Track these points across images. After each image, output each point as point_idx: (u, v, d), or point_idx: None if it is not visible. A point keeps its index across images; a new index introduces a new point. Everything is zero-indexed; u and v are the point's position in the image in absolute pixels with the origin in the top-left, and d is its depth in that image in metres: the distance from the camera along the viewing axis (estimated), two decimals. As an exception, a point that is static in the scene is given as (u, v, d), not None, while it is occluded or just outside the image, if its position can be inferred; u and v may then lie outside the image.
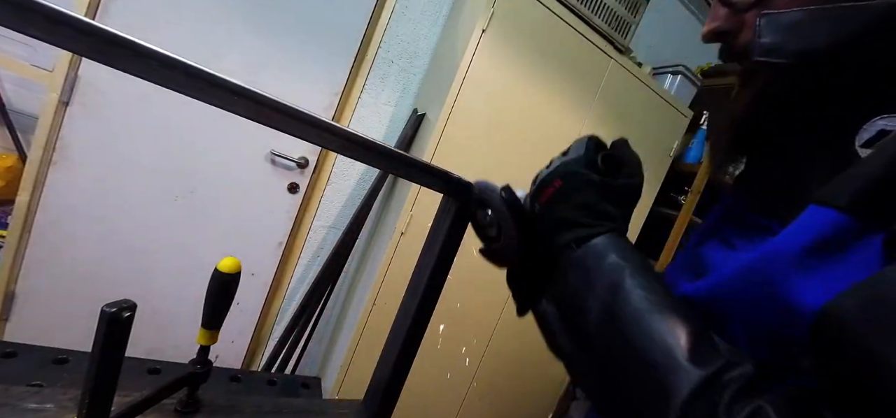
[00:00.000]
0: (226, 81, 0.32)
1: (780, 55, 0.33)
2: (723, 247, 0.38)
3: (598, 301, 0.31)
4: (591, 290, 0.31)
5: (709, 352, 0.27)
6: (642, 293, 0.30)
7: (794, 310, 0.26)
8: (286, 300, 1.69)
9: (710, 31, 0.40)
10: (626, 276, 0.31)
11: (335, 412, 0.53)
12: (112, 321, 0.31)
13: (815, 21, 0.31)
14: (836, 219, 0.26)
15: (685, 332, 0.27)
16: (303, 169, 1.58)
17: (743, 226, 0.37)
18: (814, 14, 0.31)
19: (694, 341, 0.27)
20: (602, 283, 0.31)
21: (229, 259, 0.43)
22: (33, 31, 0.26)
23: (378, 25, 1.56)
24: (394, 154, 0.43)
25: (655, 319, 0.28)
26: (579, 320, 0.32)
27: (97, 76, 1.26)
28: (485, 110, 1.35)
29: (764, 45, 0.33)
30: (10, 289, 1.30)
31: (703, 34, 0.41)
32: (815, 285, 0.25)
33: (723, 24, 0.38)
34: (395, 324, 0.56)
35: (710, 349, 0.27)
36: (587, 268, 0.33)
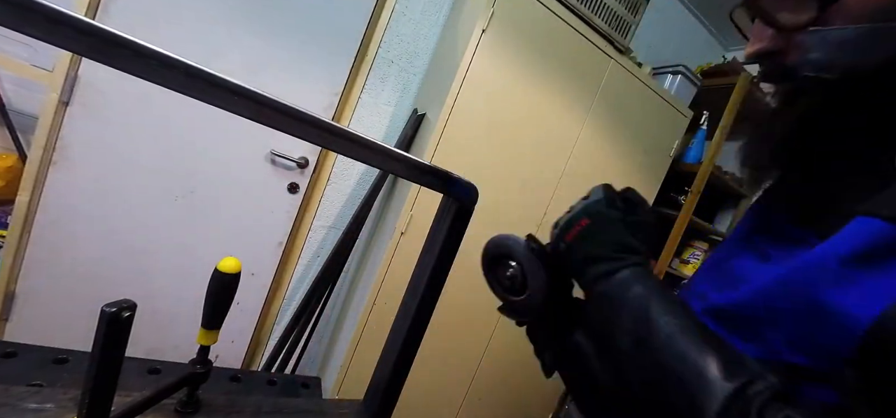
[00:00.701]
0: (226, 81, 0.32)
1: (829, 71, 0.33)
2: (756, 257, 0.39)
3: (627, 330, 0.33)
4: (619, 320, 0.33)
5: (736, 368, 0.28)
6: (668, 318, 0.31)
7: (838, 318, 0.26)
8: (286, 300, 1.69)
9: (755, 52, 0.40)
10: (652, 304, 0.33)
11: (335, 412, 0.53)
12: (112, 321, 0.31)
13: (865, 38, 0.32)
14: (883, 228, 0.26)
15: (712, 350, 0.29)
16: (303, 169, 1.58)
17: (778, 237, 0.38)
18: (863, 31, 0.32)
19: (721, 358, 0.28)
20: (629, 313, 0.33)
21: (229, 259, 0.43)
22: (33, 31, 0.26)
23: (378, 25, 1.56)
24: (394, 154, 0.43)
25: (683, 341, 0.30)
26: (613, 349, 0.34)
27: (97, 76, 1.26)
28: (485, 110, 1.35)
29: (813, 60, 0.34)
30: (10, 289, 1.30)
31: (748, 54, 0.41)
32: (862, 293, 0.25)
33: (769, 45, 0.38)
34: (395, 324, 0.56)
35: (737, 364, 0.28)
36: (614, 298, 0.35)
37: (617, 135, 1.57)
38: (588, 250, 0.38)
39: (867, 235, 0.26)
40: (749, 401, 0.26)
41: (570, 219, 0.41)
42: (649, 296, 0.33)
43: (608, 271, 0.36)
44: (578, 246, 0.39)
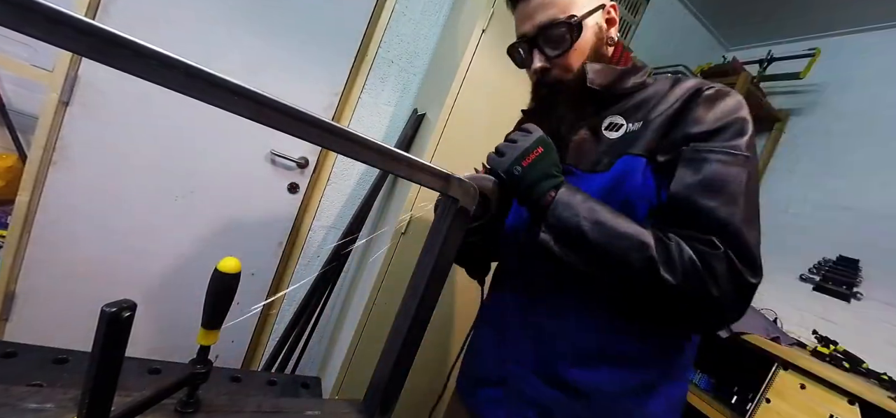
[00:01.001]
0: (226, 81, 0.32)
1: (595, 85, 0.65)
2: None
3: (585, 217, 0.54)
4: (579, 216, 0.54)
5: (642, 224, 0.55)
6: (603, 208, 0.55)
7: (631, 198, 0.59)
8: (286, 300, 1.69)
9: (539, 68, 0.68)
10: (592, 202, 0.56)
11: (335, 412, 0.53)
12: (112, 321, 0.31)
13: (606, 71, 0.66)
14: (635, 159, 0.59)
15: (630, 220, 0.55)
16: (303, 169, 1.58)
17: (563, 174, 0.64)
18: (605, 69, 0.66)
19: (636, 223, 0.55)
20: (583, 211, 0.55)
21: (229, 259, 0.43)
22: (33, 31, 0.26)
23: (378, 25, 1.56)
24: (394, 154, 0.43)
25: (619, 219, 0.54)
26: (578, 233, 0.54)
27: (97, 76, 1.26)
28: (485, 110, 1.35)
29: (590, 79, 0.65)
30: (10, 289, 1.30)
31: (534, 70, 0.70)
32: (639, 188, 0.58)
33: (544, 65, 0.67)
34: (395, 324, 0.56)
35: (643, 224, 0.55)
36: (569, 201, 0.55)
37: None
38: (543, 169, 0.57)
39: (631, 162, 0.59)
40: (657, 234, 0.53)
41: (526, 148, 0.58)
42: (586, 197, 0.56)
43: (556, 184, 0.57)
44: (535, 167, 0.57)
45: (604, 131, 0.64)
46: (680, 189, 0.54)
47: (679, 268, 0.50)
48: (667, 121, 0.59)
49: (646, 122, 0.61)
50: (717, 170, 0.52)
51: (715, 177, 0.52)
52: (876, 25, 1.91)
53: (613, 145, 0.62)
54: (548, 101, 0.69)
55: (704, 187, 0.52)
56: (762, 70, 2.11)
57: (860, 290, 1.67)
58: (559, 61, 0.65)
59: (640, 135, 0.60)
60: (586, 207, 0.54)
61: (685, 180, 0.54)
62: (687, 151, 0.55)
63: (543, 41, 0.65)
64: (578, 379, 0.60)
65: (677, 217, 0.54)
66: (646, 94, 0.64)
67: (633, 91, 0.65)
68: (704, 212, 0.52)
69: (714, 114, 0.56)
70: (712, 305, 0.51)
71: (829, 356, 1.44)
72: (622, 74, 0.65)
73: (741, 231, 0.51)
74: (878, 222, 1.71)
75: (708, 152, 0.54)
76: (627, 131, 0.62)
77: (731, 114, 0.55)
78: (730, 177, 0.52)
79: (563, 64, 0.66)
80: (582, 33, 0.64)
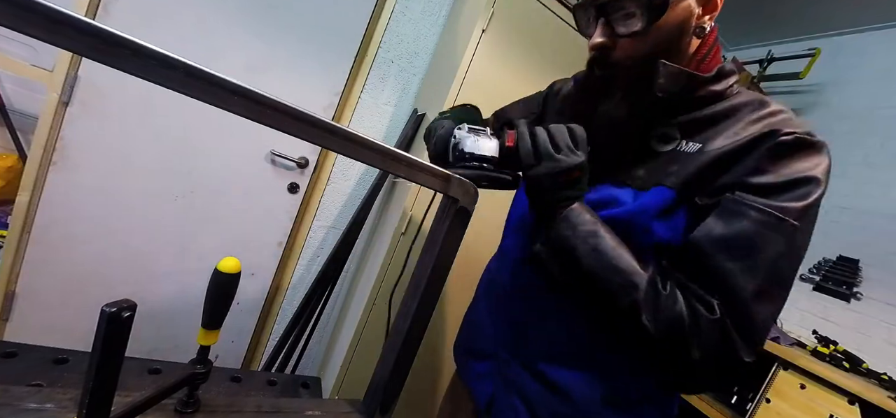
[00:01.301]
0: (226, 81, 0.32)
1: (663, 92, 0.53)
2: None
3: (584, 244, 0.50)
4: (577, 237, 0.51)
5: (643, 265, 0.50)
6: (607, 236, 0.51)
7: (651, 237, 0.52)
8: (286, 300, 1.69)
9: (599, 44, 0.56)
10: (599, 228, 0.51)
11: (335, 412, 0.53)
12: (112, 321, 0.31)
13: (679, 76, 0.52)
14: (670, 193, 0.51)
15: (632, 256, 0.50)
16: (303, 169, 1.58)
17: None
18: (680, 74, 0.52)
19: (633, 258, 0.50)
20: (587, 234, 0.51)
21: (229, 259, 0.43)
22: (33, 31, 0.26)
23: (378, 25, 1.56)
24: (394, 154, 0.43)
25: (621, 251, 0.50)
26: (571, 256, 0.51)
27: (97, 76, 1.25)
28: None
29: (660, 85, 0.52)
30: (10, 289, 1.30)
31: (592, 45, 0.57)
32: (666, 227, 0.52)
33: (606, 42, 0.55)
34: (395, 324, 0.56)
35: (644, 265, 0.50)
36: (574, 223, 0.51)
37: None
38: (569, 189, 0.53)
39: (664, 197, 0.52)
40: (653, 278, 0.49)
41: (568, 166, 0.52)
42: (595, 221, 0.52)
43: (570, 200, 0.52)
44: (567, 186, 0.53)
45: (654, 141, 0.55)
46: (701, 239, 0.47)
47: (663, 318, 0.46)
48: (727, 155, 0.48)
49: (703, 148, 0.51)
50: (751, 231, 0.45)
51: (744, 238, 0.45)
52: (875, 25, 1.91)
53: (656, 164, 0.54)
54: (599, 85, 0.60)
55: (728, 245, 0.45)
56: (762, 70, 2.11)
57: (860, 290, 1.67)
58: (626, 43, 0.53)
59: (688, 163, 0.51)
60: (590, 231, 0.50)
61: (712, 231, 0.47)
62: (729, 201, 0.47)
63: (613, 11, 0.52)
64: (557, 379, 0.59)
65: (687, 265, 0.48)
66: (719, 107, 0.53)
67: (707, 101, 0.53)
68: (718, 273, 0.45)
69: (784, 172, 0.46)
70: (687, 367, 0.46)
71: (829, 356, 1.44)
72: (693, 83, 0.52)
73: (749, 306, 0.44)
74: (878, 222, 1.71)
75: (748, 207, 0.45)
76: (678, 149, 0.53)
77: (802, 172, 0.45)
78: (762, 243, 0.44)
79: (629, 48, 0.53)
80: (665, 14, 0.50)
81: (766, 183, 0.46)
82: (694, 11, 0.52)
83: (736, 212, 0.46)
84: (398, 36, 1.61)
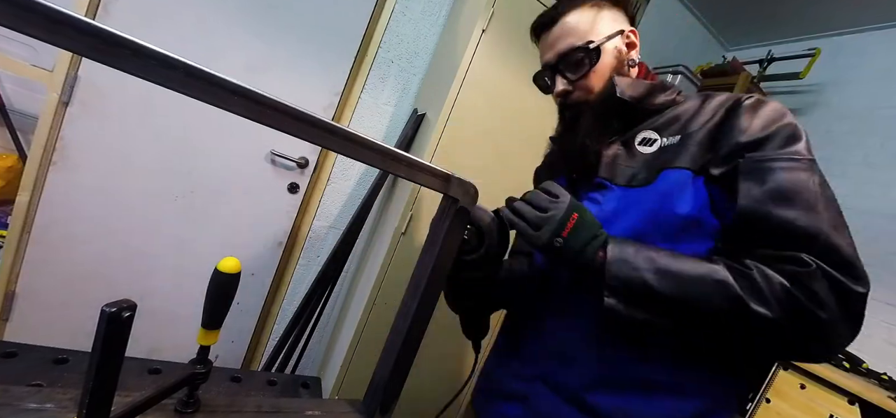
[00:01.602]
0: (226, 81, 0.32)
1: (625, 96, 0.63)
2: (591, 204, 0.64)
3: (648, 272, 0.49)
4: (639, 269, 0.50)
5: (707, 257, 0.50)
6: (659, 253, 0.51)
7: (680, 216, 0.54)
8: (286, 300, 1.69)
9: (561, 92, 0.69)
10: (648, 250, 0.51)
11: (335, 412, 0.53)
12: (112, 321, 0.31)
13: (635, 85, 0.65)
14: (684, 172, 0.55)
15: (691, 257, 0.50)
16: (303, 169, 1.58)
17: (594, 188, 0.64)
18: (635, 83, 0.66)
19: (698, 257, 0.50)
20: (640, 262, 0.50)
21: (229, 259, 0.43)
22: (33, 31, 0.26)
23: (378, 25, 1.56)
24: (394, 154, 0.43)
25: (682, 260, 0.49)
26: (645, 290, 0.49)
27: (97, 76, 1.25)
28: (485, 110, 1.35)
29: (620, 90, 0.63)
30: (10, 289, 1.30)
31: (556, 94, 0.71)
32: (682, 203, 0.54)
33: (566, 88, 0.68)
34: (395, 324, 0.56)
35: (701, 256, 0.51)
36: (624, 258, 0.51)
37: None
38: (584, 235, 0.53)
39: (677, 177, 0.56)
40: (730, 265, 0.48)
41: (561, 219, 0.53)
42: (639, 246, 0.52)
43: (602, 243, 0.53)
44: (577, 236, 0.53)
45: (637, 146, 0.63)
46: (749, 203, 0.49)
47: (771, 297, 0.45)
48: (710, 133, 0.56)
49: (685, 136, 0.58)
50: (785, 178, 0.48)
51: (784, 185, 0.47)
52: (875, 25, 1.91)
53: (649, 160, 0.60)
54: (573, 120, 0.69)
55: (776, 197, 0.47)
56: (762, 70, 2.11)
57: (860, 290, 1.67)
58: (580, 84, 0.67)
59: (681, 149, 0.57)
60: (643, 257, 0.50)
61: (752, 193, 0.49)
62: (744, 164, 0.51)
63: (564, 66, 0.67)
64: (600, 403, 0.57)
65: (751, 235, 0.49)
66: (677, 110, 0.63)
67: (664, 107, 0.64)
68: (783, 224, 0.47)
69: (760, 121, 0.52)
70: (822, 331, 0.44)
71: (829, 356, 1.44)
72: (652, 89, 0.65)
73: (831, 238, 0.45)
74: (878, 222, 1.71)
75: (768, 161, 0.49)
76: (663, 145, 0.60)
77: (776, 120, 0.52)
78: (800, 183, 0.47)
79: (584, 86, 0.67)
80: (601, 57, 0.65)
81: (756, 137, 0.51)
82: (621, 49, 0.68)
83: (759, 170, 0.49)
84: (398, 36, 1.61)
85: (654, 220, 0.56)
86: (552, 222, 0.53)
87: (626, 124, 0.66)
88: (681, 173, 0.55)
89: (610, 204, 0.61)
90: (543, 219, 0.53)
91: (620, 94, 0.63)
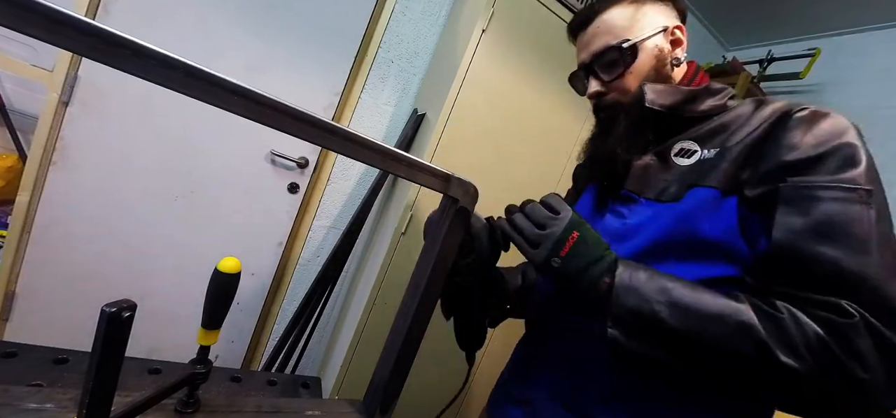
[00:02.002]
0: (226, 81, 0.32)
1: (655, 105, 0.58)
2: (614, 218, 0.61)
3: (660, 304, 0.44)
4: (650, 300, 0.44)
5: (732, 294, 0.44)
6: (675, 283, 0.45)
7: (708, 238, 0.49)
8: (286, 300, 1.69)
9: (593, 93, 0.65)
10: (660, 278, 0.46)
11: (335, 412, 0.53)
12: (112, 321, 0.31)
13: (669, 92, 0.59)
14: (711, 192, 0.50)
15: (713, 292, 0.44)
16: (303, 169, 1.58)
17: (621, 201, 0.61)
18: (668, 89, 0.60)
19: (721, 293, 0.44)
20: (653, 292, 0.45)
21: (229, 259, 0.43)
22: (33, 31, 0.26)
23: (378, 25, 1.56)
24: (394, 154, 0.43)
25: (701, 293, 0.44)
26: (653, 323, 0.44)
27: (97, 76, 1.25)
28: (485, 110, 1.35)
29: (648, 99, 0.58)
30: (10, 289, 1.30)
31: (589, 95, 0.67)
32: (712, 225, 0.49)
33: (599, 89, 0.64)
34: (395, 324, 0.56)
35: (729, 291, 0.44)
36: (633, 286, 0.45)
37: (617, 135, 1.57)
38: (586, 255, 0.49)
39: (704, 197, 0.51)
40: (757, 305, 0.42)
41: (559, 237, 0.49)
42: (652, 273, 0.46)
43: (609, 267, 0.48)
44: (576, 255, 0.49)
45: (673, 157, 0.58)
46: (786, 236, 0.42)
47: (803, 348, 0.38)
48: (749, 148, 0.50)
49: (722, 150, 0.52)
50: (833, 210, 0.41)
51: (831, 219, 0.41)
52: (875, 25, 1.91)
53: (684, 173, 0.55)
54: (606, 123, 0.65)
55: (819, 232, 0.41)
56: (762, 70, 2.11)
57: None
58: (615, 84, 0.62)
59: (715, 165, 0.52)
60: (655, 287, 0.45)
61: (791, 225, 0.42)
62: (787, 189, 0.44)
63: (598, 67, 0.63)
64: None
65: (786, 274, 0.43)
66: (725, 118, 0.56)
67: (709, 115, 0.58)
68: (824, 265, 0.40)
69: (813, 138, 0.45)
70: (859, 393, 0.38)
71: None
72: (691, 95, 0.59)
73: (882, 286, 0.38)
74: (878, 222, 1.70)
75: (816, 188, 0.42)
76: (701, 159, 0.55)
77: (834, 138, 0.44)
78: (851, 217, 0.41)
79: (618, 87, 0.62)
80: (638, 56, 0.60)
81: (805, 156, 0.44)
82: (663, 47, 0.62)
83: (803, 197, 0.43)
84: (398, 36, 1.61)
85: (673, 240, 0.51)
86: (549, 240, 0.49)
87: (664, 133, 0.60)
88: (708, 193, 0.50)
89: (635, 217, 0.57)
90: (541, 236, 0.50)
91: (649, 104, 0.57)
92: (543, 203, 0.53)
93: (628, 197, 0.60)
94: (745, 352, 0.40)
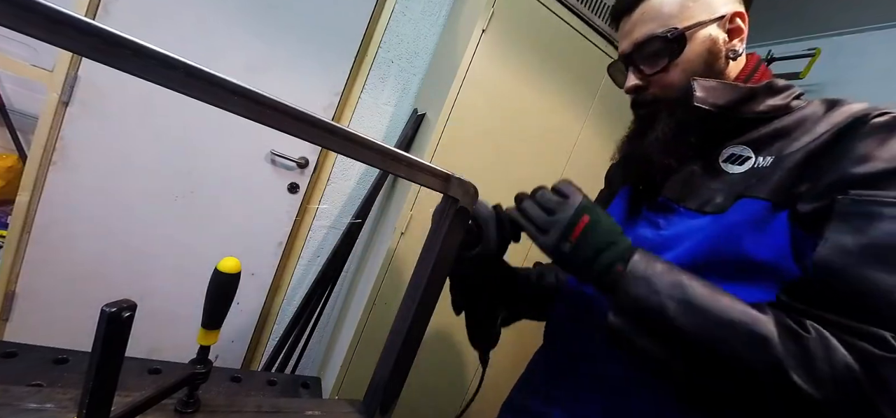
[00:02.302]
0: (226, 81, 0.32)
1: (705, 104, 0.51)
2: (648, 227, 0.55)
3: (671, 299, 0.40)
4: (660, 293, 0.41)
5: (756, 304, 0.40)
6: (695, 282, 0.41)
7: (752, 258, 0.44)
8: (286, 300, 1.69)
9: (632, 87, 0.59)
10: (680, 276, 0.42)
11: (335, 412, 0.53)
12: (112, 321, 0.31)
13: (722, 89, 0.52)
14: (761, 204, 0.45)
15: (733, 298, 0.40)
16: (303, 169, 1.58)
17: (658, 210, 0.55)
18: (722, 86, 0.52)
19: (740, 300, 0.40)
20: (666, 286, 0.41)
21: (229, 259, 0.43)
22: (33, 31, 0.26)
23: (378, 25, 1.56)
24: (394, 154, 0.43)
25: (720, 297, 0.40)
26: (658, 318, 0.41)
27: (97, 76, 1.25)
28: (485, 110, 1.35)
29: (698, 97, 0.51)
30: (10, 289, 1.30)
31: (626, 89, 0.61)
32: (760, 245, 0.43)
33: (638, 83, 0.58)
34: (395, 324, 0.56)
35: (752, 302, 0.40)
36: (646, 276, 0.42)
37: (617, 136, 1.55)
38: (596, 241, 0.46)
39: (752, 209, 0.45)
40: (782, 321, 0.37)
41: (569, 221, 0.46)
42: (670, 267, 0.43)
43: (623, 254, 0.44)
44: (586, 241, 0.46)
45: (722, 163, 0.51)
46: (833, 255, 0.38)
47: (827, 376, 0.34)
48: (810, 156, 0.43)
49: (779, 158, 0.46)
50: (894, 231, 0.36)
51: (890, 241, 0.36)
52: (875, 25, 1.91)
53: (734, 182, 0.49)
54: (645, 121, 0.59)
55: (874, 255, 0.36)
56: (762, 70, 2.11)
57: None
58: (656, 79, 0.56)
59: (770, 174, 0.46)
60: (670, 281, 0.41)
61: (842, 243, 0.38)
62: (845, 202, 0.39)
63: (639, 58, 0.56)
64: None
65: (826, 295, 0.38)
66: (787, 121, 0.50)
67: (770, 116, 0.51)
68: (873, 291, 0.35)
69: (889, 151, 0.39)
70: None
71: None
72: (751, 93, 0.51)
73: None
74: (878, 222, 1.70)
75: (878, 204, 0.37)
76: (755, 167, 0.48)
77: None
78: None
79: (660, 81, 0.55)
80: (686, 47, 0.53)
81: (877, 170, 0.38)
82: (718, 37, 0.54)
83: (864, 213, 0.38)
84: (398, 36, 1.61)
85: (715, 257, 0.46)
86: (558, 225, 0.47)
87: (713, 136, 0.53)
88: (757, 204, 0.45)
89: (672, 228, 0.52)
90: (550, 221, 0.47)
91: (699, 102, 0.50)
92: (554, 188, 0.50)
93: (666, 205, 0.54)
94: (755, 367, 0.37)
